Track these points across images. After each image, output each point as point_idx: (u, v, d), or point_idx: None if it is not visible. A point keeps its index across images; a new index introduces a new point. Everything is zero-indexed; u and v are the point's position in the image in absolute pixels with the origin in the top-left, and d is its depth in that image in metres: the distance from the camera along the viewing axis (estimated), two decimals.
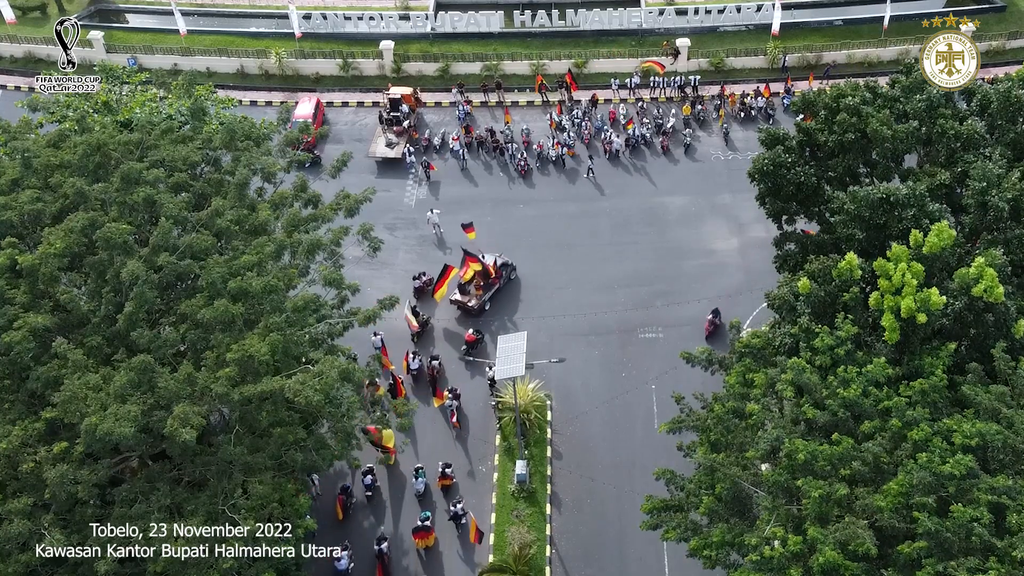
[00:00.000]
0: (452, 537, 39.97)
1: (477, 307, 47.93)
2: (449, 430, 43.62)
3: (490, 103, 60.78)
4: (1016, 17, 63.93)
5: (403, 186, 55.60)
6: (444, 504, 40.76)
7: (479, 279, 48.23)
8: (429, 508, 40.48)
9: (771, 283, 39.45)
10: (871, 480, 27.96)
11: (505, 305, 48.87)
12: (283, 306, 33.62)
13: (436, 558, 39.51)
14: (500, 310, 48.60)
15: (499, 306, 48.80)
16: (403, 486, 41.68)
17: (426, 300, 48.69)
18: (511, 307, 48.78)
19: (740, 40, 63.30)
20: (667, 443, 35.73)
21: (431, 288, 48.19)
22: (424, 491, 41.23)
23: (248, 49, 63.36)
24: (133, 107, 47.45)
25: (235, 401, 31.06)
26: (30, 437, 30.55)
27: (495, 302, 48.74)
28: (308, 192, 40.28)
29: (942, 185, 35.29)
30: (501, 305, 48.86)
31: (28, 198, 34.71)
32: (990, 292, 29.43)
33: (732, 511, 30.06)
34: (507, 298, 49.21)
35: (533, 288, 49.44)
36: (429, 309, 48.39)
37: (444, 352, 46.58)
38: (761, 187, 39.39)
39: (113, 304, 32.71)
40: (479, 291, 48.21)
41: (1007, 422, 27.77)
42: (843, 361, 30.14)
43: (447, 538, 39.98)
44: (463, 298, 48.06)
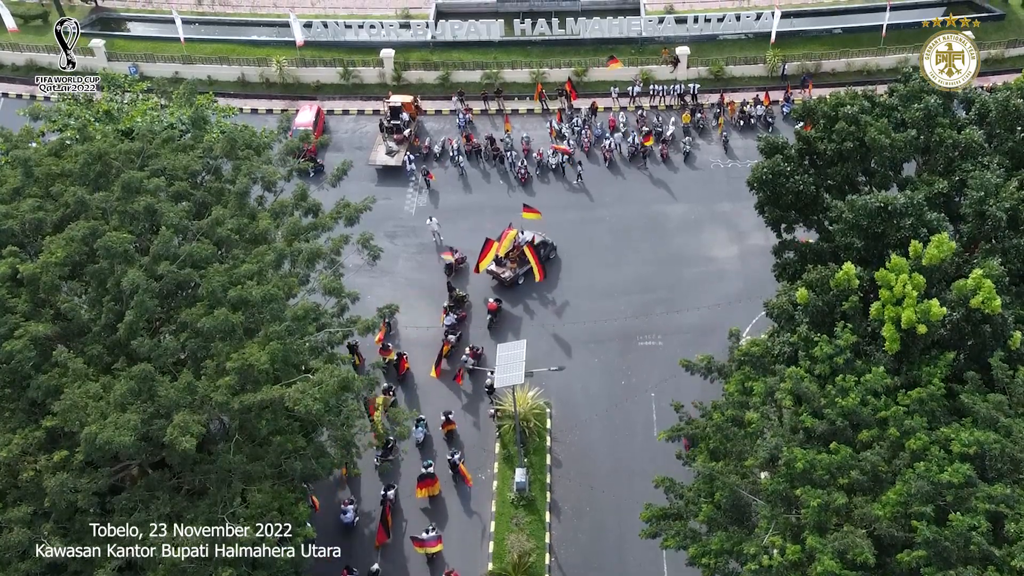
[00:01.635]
0: (450, 484, 41.80)
1: (510, 280, 49.55)
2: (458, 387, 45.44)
3: (490, 111, 60.94)
4: (1015, 26, 64.14)
5: (403, 194, 55.73)
6: (445, 451, 42.56)
7: (516, 253, 49.59)
8: (430, 456, 41.98)
9: (771, 291, 39.57)
10: (869, 489, 28.00)
11: (571, 260, 50.98)
12: (283, 315, 33.68)
13: (439, 505, 41.14)
14: (530, 289, 49.72)
15: (567, 259, 51.04)
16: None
17: (458, 276, 50.56)
18: (577, 262, 50.79)
19: (739, 48, 63.50)
20: (666, 451, 35.76)
21: (463, 264, 50.58)
22: (424, 440, 42.66)
23: (249, 57, 63.58)
24: (134, 116, 47.60)
25: (235, 410, 31.12)
26: (30, 445, 30.62)
27: (528, 278, 50.02)
28: (308, 201, 40.37)
29: (940, 194, 35.36)
30: (569, 259, 51.00)
31: (29, 207, 34.79)
32: (987, 304, 29.49)
33: (731, 519, 30.10)
34: (578, 253, 51.46)
35: (532, 295, 49.51)
36: (460, 284, 50.29)
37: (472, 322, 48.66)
38: (760, 196, 39.48)
39: (114, 313, 32.78)
40: (513, 264, 49.71)
41: (1005, 431, 27.81)
42: (842, 370, 30.21)
43: (446, 486, 41.75)
44: (498, 269, 49.67)
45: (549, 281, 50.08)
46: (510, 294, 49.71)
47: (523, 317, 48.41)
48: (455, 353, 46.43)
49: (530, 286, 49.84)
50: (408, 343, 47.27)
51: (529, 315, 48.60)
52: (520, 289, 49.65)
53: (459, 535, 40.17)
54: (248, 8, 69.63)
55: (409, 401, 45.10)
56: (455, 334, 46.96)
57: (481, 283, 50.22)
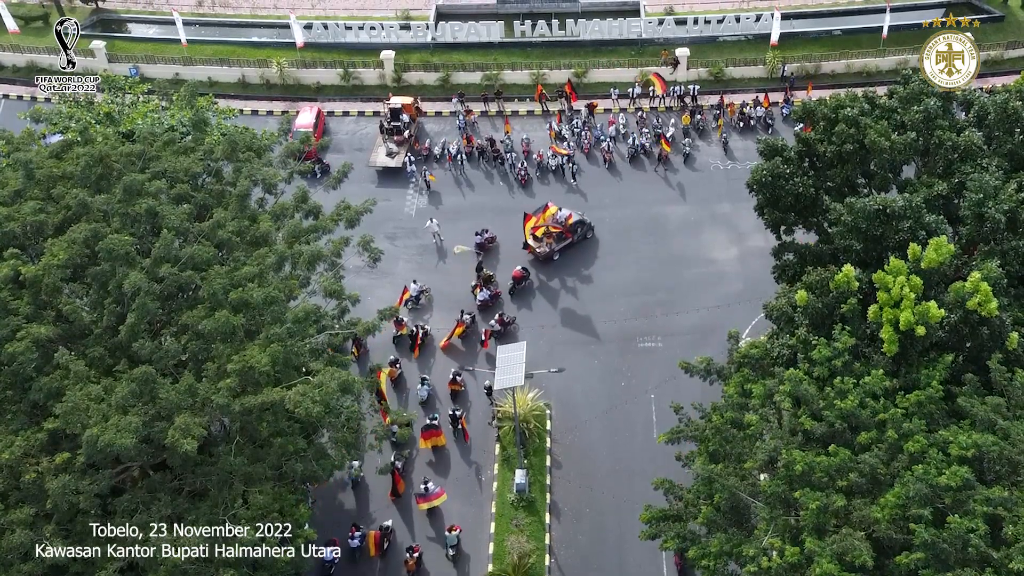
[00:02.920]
0: (450, 435, 43.59)
1: (545, 255, 50.60)
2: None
3: (490, 112, 61.01)
4: (1014, 27, 64.18)
5: (403, 195, 55.81)
6: (449, 407, 44.27)
7: (553, 229, 50.46)
8: (435, 411, 43.85)
9: (770, 292, 39.66)
10: (868, 491, 28.11)
11: (571, 262, 51.40)
12: (284, 317, 33.82)
13: (443, 459, 42.69)
14: (567, 265, 51.03)
15: (567, 261, 51.46)
16: (409, 395, 45.40)
17: (487, 256, 51.63)
18: (577, 263, 51.28)
19: (739, 50, 63.56)
20: (666, 452, 35.86)
21: (494, 244, 51.89)
22: (427, 399, 44.44)
23: (249, 59, 63.65)
24: (135, 118, 47.70)
25: (236, 412, 31.23)
26: (32, 447, 30.75)
27: (564, 255, 51.29)
28: (309, 203, 40.49)
29: (939, 196, 35.45)
30: (569, 261, 51.43)
31: (31, 209, 34.92)
32: (984, 306, 29.58)
33: (730, 521, 30.20)
34: (578, 254, 51.86)
35: (532, 297, 49.59)
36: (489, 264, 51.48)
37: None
38: (759, 198, 39.58)
39: (115, 315, 32.90)
40: (550, 239, 50.60)
41: (1003, 433, 27.91)
42: (840, 372, 30.31)
43: (447, 438, 43.58)
44: (534, 243, 50.45)
45: (549, 282, 50.16)
46: (582, 249, 51.73)
47: (523, 318, 48.49)
48: (468, 335, 47.50)
49: (529, 288, 49.92)
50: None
51: (529, 316, 48.68)
52: (520, 290, 49.71)
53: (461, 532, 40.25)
54: (248, 9, 69.69)
55: (420, 367, 46.47)
56: (470, 315, 47.91)
57: (508, 261, 51.39)
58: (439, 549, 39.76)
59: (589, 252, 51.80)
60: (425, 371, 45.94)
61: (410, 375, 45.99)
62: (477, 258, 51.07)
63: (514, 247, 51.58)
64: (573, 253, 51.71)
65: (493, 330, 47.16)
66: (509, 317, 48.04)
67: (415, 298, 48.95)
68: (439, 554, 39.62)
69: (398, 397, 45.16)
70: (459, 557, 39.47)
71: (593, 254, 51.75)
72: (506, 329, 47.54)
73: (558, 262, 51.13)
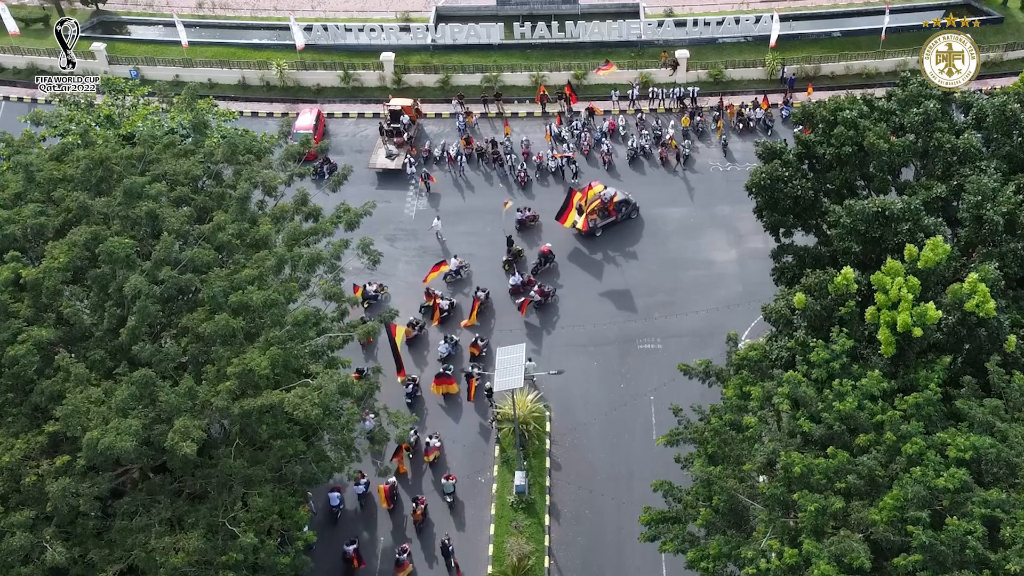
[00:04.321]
0: (463, 389, 45.36)
1: (587, 231, 51.67)
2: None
3: (490, 114, 61.08)
4: (1013, 28, 64.22)
5: (403, 197, 55.87)
6: (466, 364, 46.05)
7: (597, 205, 51.41)
8: (452, 365, 45.97)
9: (769, 294, 39.66)
10: (866, 493, 28.15)
11: (571, 262, 51.82)
12: (284, 320, 33.91)
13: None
14: (567, 265, 51.41)
15: (610, 238, 52.41)
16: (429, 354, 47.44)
17: (527, 232, 52.98)
18: (577, 264, 51.57)
19: (739, 52, 63.61)
20: (665, 455, 35.91)
21: (535, 222, 52.99)
22: (447, 356, 46.10)
23: (249, 60, 63.73)
24: (136, 121, 47.77)
25: (235, 414, 31.32)
26: (32, 450, 30.86)
27: (608, 231, 52.47)
28: (309, 205, 40.56)
29: (938, 198, 35.52)
30: (569, 261, 51.83)
31: (31, 212, 35.00)
32: (981, 307, 29.64)
33: (729, 523, 30.25)
34: (622, 232, 52.88)
35: (531, 297, 49.58)
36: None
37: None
38: (759, 200, 39.64)
39: (115, 318, 32.97)
40: (593, 215, 51.49)
41: (1001, 435, 27.98)
42: (839, 374, 30.37)
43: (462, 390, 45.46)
44: (578, 218, 51.25)
45: (549, 284, 50.21)
46: (627, 228, 53.02)
47: (523, 319, 48.55)
48: (484, 310, 48.64)
49: (501, 318, 49.80)
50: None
51: (529, 318, 48.72)
52: (493, 320, 49.69)
53: (459, 540, 40.32)
54: (248, 11, 69.79)
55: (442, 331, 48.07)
56: (484, 291, 48.91)
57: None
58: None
59: (589, 254, 51.84)
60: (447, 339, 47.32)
61: (435, 340, 47.72)
62: (517, 231, 52.56)
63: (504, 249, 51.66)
64: (572, 253, 51.75)
65: (533, 300, 48.34)
66: (549, 288, 49.16)
67: (455, 272, 50.11)
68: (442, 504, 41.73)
69: (416, 355, 47.01)
70: (455, 504, 41.46)
71: (593, 255, 51.79)
72: (546, 300, 48.93)
73: (556, 264, 51.14)
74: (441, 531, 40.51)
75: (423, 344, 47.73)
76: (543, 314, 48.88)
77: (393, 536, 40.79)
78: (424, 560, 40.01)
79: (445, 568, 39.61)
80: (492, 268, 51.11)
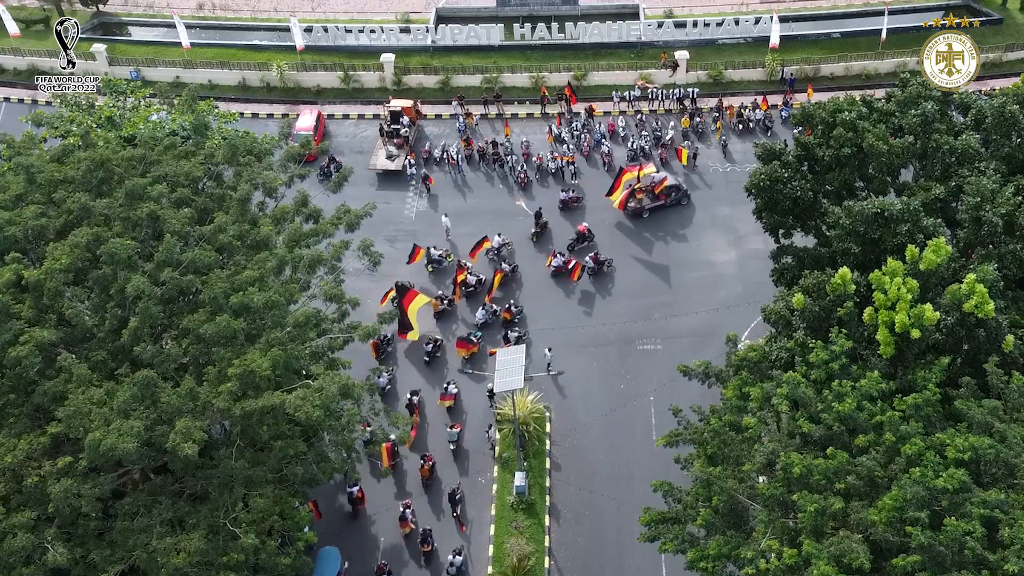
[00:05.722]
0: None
1: (635, 209, 52.95)
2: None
3: (490, 115, 61.15)
4: (1013, 30, 64.29)
5: (403, 198, 55.95)
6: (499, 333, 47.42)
7: (644, 186, 52.60)
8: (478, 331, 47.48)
9: (769, 295, 39.79)
10: (866, 494, 28.23)
11: (615, 237, 52.57)
12: (284, 321, 33.98)
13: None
14: (529, 292, 50.66)
15: (610, 238, 52.59)
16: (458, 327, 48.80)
17: (569, 214, 53.86)
18: (542, 290, 50.87)
19: (738, 52, 63.69)
20: (665, 455, 36.00)
21: (578, 204, 54.04)
22: (484, 322, 47.95)
23: (250, 61, 63.80)
24: (137, 122, 47.84)
25: (236, 415, 31.40)
26: (34, 451, 30.93)
27: (655, 214, 53.35)
28: (309, 207, 40.64)
29: (937, 200, 35.61)
30: (612, 238, 52.56)
31: (32, 213, 35.08)
32: (980, 308, 29.71)
33: (729, 524, 30.33)
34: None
35: (532, 299, 49.72)
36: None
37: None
38: (758, 201, 39.73)
39: (117, 319, 33.04)
40: (640, 196, 52.55)
41: (999, 436, 28.06)
42: (838, 375, 30.44)
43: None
44: (625, 197, 52.56)
45: (548, 285, 50.31)
46: (676, 213, 53.77)
47: (522, 320, 48.61)
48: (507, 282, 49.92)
49: (527, 290, 50.02)
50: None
51: (529, 318, 48.79)
52: (518, 292, 49.91)
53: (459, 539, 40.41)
54: (249, 12, 69.86)
55: (472, 307, 49.38)
56: (512, 266, 50.37)
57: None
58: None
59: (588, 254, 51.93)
60: (473, 305, 48.99)
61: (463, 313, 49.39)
62: (560, 211, 53.54)
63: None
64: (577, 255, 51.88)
65: (586, 266, 49.70)
66: (605, 257, 50.06)
67: (496, 249, 51.01)
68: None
69: (447, 325, 48.61)
70: (459, 451, 43.22)
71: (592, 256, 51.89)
72: (600, 269, 50.13)
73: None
74: (448, 488, 41.95)
75: (450, 317, 49.15)
76: (544, 315, 48.93)
77: (396, 492, 42.14)
78: (432, 514, 41.52)
79: (452, 518, 41.05)
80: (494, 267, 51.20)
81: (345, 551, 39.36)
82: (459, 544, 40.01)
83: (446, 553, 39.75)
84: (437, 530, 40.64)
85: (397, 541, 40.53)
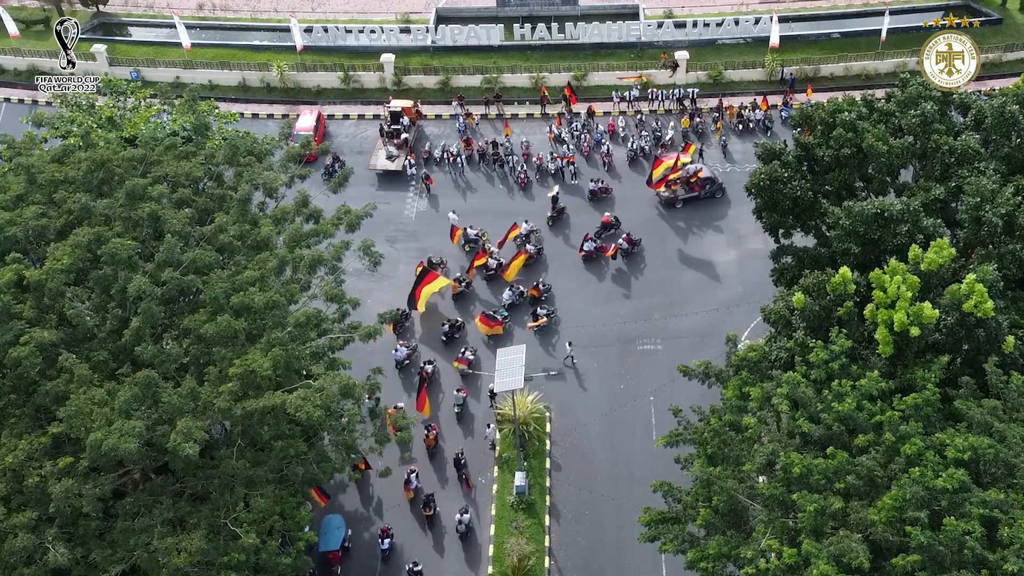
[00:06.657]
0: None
1: (667, 198, 53.91)
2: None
3: (490, 115, 61.19)
4: (1012, 30, 64.30)
5: (404, 198, 55.99)
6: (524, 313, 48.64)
7: (680, 176, 53.27)
8: (506, 311, 48.39)
9: (769, 295, 39.85)
10: (865, 494, 28.28)
11: (569, 262, 51.97)
12: (285, 321, 34.01)
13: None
14: (566, 266, 51.69)
15: (565, 262, 52.04)
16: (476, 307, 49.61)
17: (598, 203, 54.56)
18: (576, 264, 51.67)
19: (738, 53, 63.71)
20: (665, 455, 36.05)
21: (607, 195, 54.77)
22: (511, 304, 48.70)
23: (250, 62, 63.82)
24: (137, 123, 47.88)
25: (237, 416, 31.44)
26: (36, 451, 30.95)
27: (688, 204, 54.00)
28: (309, 207, 40.68)
29: (937, 200, 35.65)
30: (567, 261, 52.03)
31: (33, 214, 35.11)
32: (980, 308, 29.75)
33: (729, 523, 30.38)
34: (702, 207, 54.15)
35: (530, 299, 49.69)
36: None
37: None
38: (758, 201, 39.78)
39: (118, 319, 33.08)
40: (675, 186, 53.49)
41: (999, 436, 28.10)
42: (838, 375, 30.48)
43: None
44: (660, 185, 53.74)
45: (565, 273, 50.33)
46: (711, 204, 54.24)
47: (521, 321, 48.65)
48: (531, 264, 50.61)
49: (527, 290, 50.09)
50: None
51: (528, 319, 48.80)
52: (544, 273, 50.55)
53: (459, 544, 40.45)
54: (248, 13, 69.88)
55: (492, 290, 50.47)
56: (538, 247, 51.13)
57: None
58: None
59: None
60: (494, 290, 50.03)
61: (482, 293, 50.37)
62: (589, 200, 54.33)
63: (504, 249, 51.72)
64: (572, 254, 51.82)
65: (620, 247, 50.68)
66: (636, 237, 51.23)
67: (525, 236, 51.75)
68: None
69: (461, 308, 49.38)
70: (463, 414, 44.63)
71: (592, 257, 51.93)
72: (633, 248, 51.11)
73: (558, 269, 51.17)
74: (452, 457, 42.92)
75: (469, 298, 50.04)
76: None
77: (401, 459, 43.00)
78: (437, 482, 42.71)
79: (456, 483, 42.43)
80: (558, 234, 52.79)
81: (348, 517, 40.28)
82: (464, 504, 41.12)
83: (451, 515, 40.73)
84: (442, 496, 41.72)
85: (402, 505, 41.55)
